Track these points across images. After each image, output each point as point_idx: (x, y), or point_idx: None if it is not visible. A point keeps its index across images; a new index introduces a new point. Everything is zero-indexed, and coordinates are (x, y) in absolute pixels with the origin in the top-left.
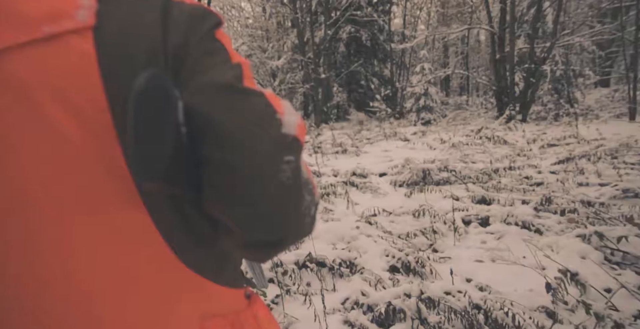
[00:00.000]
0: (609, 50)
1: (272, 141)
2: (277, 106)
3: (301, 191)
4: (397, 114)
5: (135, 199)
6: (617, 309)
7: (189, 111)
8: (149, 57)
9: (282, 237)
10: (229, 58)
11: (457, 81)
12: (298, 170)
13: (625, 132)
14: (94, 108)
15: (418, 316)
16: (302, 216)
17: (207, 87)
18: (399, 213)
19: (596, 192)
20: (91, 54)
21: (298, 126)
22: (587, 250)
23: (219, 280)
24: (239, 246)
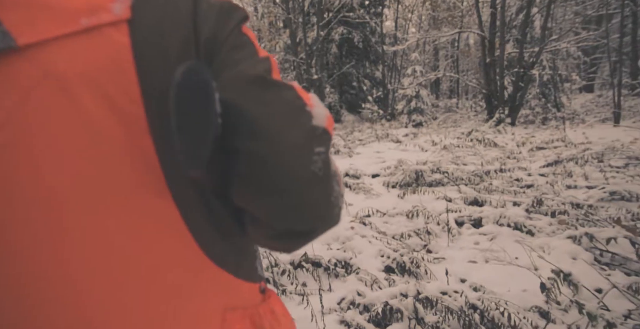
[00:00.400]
0: (593, 56)
1: (303, 132)
2: (306, 98)
3: (331, 182)
4: (389, 116)
5: (163, 190)
6: (608, 309)
7: (221, 103)
8: (181, 50)
9: (314, 227)
10: (257, 52)
11: (447, 84)
12: (328, 161)
13: (611, 136)
14: (127, 100)
15: (415, 315)
16: (332, 206)
17: (239, 79)
18: (393, 214)
19: (584, 194)
20: (127, 47)
21: (327, 118)
22: (578, 251)
23: (238, 273)
24: (269, 237)
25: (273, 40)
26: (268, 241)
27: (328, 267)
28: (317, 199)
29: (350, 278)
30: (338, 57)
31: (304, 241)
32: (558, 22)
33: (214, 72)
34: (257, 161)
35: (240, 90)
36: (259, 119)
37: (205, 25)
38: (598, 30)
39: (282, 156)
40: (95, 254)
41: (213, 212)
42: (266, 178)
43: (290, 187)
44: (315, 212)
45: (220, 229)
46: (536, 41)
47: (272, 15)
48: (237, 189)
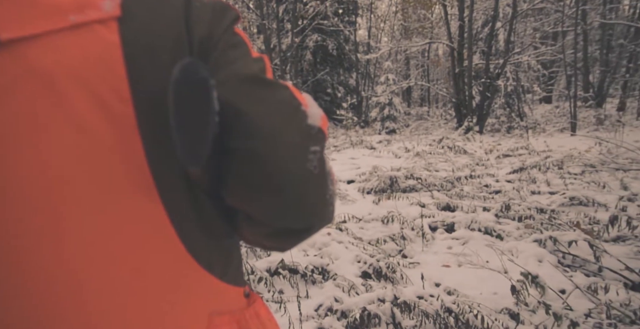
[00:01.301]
0: (551, 69)
1: (299, 131)
2: (301, 98)
3: (326, 180)
4: (363, 123)
5: (151, 190)
6: (572, 309)
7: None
8: (174, 49)
9: (310, 225)
10: (250, 52)
11: (419, 93)
12: (323, 160)
13: (569, 144)
14: (117, 98)
15: (392, 320)
16: (327, 204)
17: (234, 78)
18: (369, 220)
19: (547, 200)
20: (116, 44)
21: (322, 118)
22: (543, 254)
23: (224, 277)
24: (265, 235)
25: None
26: (264, 240)
27: (305, 273)
28: (313, 196)
29: (328, 284)
30: (312, 64)
31: (300, 238)
32: (520, 37)
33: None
34: (254, 160)
35: (236, 89)
36: (255, 118)
37: (199, 25)
38: (555, 46)
39: (279, 154)
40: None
41: (202, 214)
42: (263, 176)
43: (287, 185)
44: (311, 210)
45: (209, 231)
46: (501, 53)
47: (246, 21)
48: (232, 188)
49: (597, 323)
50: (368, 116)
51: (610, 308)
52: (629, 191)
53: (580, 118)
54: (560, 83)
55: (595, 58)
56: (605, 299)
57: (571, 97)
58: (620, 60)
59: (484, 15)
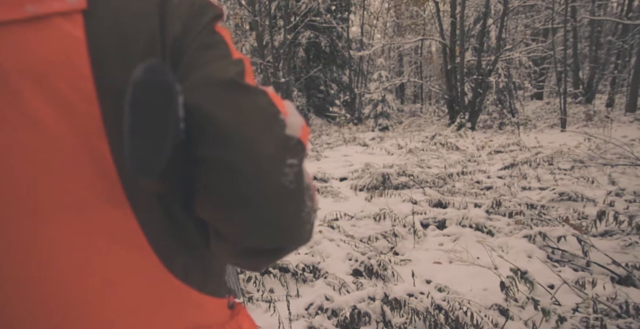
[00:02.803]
0: (542, 66)
1: (275, 142)
2: (280, 106)
3: (303, 196)
4: (356, 120)
5: (120, 198)
6: (560, 304)
7: (187, 107)
8: (145, 47)
9: (282, 245)
10: (230, 53)
11: (412, 89)
12: (301, 174)
13: (559, 140)
14: (80, 98)
15: (383, 318)
16: (303, 223)
17: (208, 82)
18: (361, 217)
19: (538, 195)
20: (80, 40)
21: (302, 128)
22: (533, 249)
23: (203, 289)
24: (232, 254)
25: (239, 42)
26: (232, 259)
27: (296, 272)
28: (286, 214)
29: (319, 283)
30: (305, 61)
31: (271, 259)
32: (511, 34)
33: (182, 73)
34: (223, 172)
35: (208, 93)
36: (227, 126)
37: (174, 22)
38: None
39: (251, 166)
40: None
41: (177, 224)
42: (232, 190)
43: (257, 201)
44: (283, 229)
45: (184, 241)
46: (492, 50)
47: (238, 17)
48: (200, 201)
49: (584, 317)
50: (361, 112)
51: (597, 303)
52: (617, 186)
53: (570, 114)
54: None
55: (585, 55)
56: (593, 294)
57: (561, 94)
58: (609, 57)
59: (476, 12)
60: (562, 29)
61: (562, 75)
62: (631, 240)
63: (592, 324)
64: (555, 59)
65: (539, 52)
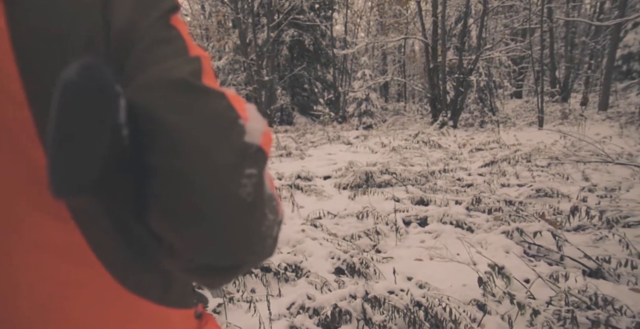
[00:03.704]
0: (520, 65)
1: (232, 150)
2: (240, 110)
3: (263, 209)
4: (340, 118)
5: (61, 210)
6: (534, 298)
7: (134, 110)
8: (85, 43)
9: (238, 262)
10: (186, 49)
11: (395, 88)
12: (261, 185)
13: (536, 138)
14: (7, 101)
15: (363, 316)
16: (262, 238)
17: (158, 82)
18: (344, 215)
19: (516, 192)
20: (2, 32)
21: (263, 134)
22: (510, 245)
23: (165, 301)
24: (186, 271)
25: (222, 40)
26: (185, 275)
27: (278, 271)
28: (243, 229)
29: (301, 282)
30: (289, 59)
31: (228, 277)
32: (491, 33)
33: (130, 73)
34: (175, 182)
35: (158, 95)
36: (179, 132)
37: (120, 13)
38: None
39: (205, 177)
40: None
41: (130, 236)
42: (184, 203)
43: (211, 215)
44: (240, 245)
45: (140, 254)
46: (473, 49)
47: (221, 15)
48: (152, 213)
49: (557, 310)
50: (345, 111)
51: (569, 295)
52: (590, 182)
53: (548, 112)
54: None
55: (561, 55)
56: (565, 287)
57: (539, 93)
58: (583, 57)
59: (457, 12)
60: (539, 29)
61: (540, 75)
62: (602, 234)
63: (564, 317)
64: (533, 58)
65: (517, 51)
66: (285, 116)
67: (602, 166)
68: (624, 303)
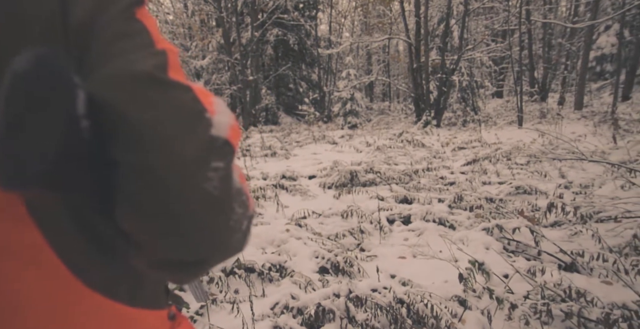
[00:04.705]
0: (501, 66)
1: (197, 143)
2: (207, 103)
3: (231, 203)
4: (326, 118)
5: (19, 210)
6: (512, 292)
7: (97, 103)
8: (41, 32)
9: (205, 257)
10: (152, 43)
11: (380, 88)
12: (228, 178)
13: (516, 136)
14: None
15: (347, 315)
16: (230, 232)
17: (120, 75)
18: (328, 215)
19: (496, 189)
20: None
21: (230, 128)
22: (490, 241)
23: (134, 302)
24: (153, 267)
25: (205, 39)
26: (153, 272)
27: (262, 272)
28: (210, 223)
29: (285, 282)
30: (274, 58)
31: (197, 272)
32: (472, 34)
33: (91, 65)
34: (139, 176)
35: (121, 88)
36: (143, 126)
37: (81, 3)
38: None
39: (170, 171)
40: None
41: (96, 236)
42: (148, 197)
43: (177, 209)
44: (207, 240)
45: (106, 254)
46: (455, 50)
47: (204, 13)
48: (118, 209)
49: (533, 303)
50: (330, 111)
51: (545, 289)
52: (566, 179)
53: (527, 112)
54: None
55: (540, 55)
56: (541, 281)
57: (518, 93)
58: (560, 58)
59: (440, 13)
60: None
61: (519, 75)
62: (576, 229)
63: (540, 310)
64: (513, 59)
65: (498, 52)
66: (270, 116)
67: (577, 164)
68: (595, 294)
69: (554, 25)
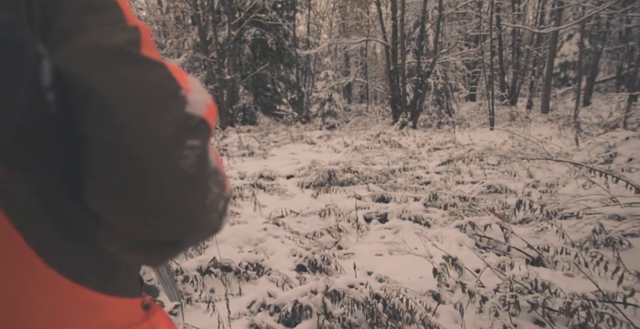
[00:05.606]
0: (474, 70)
1: (173, 121)
2: (182, 81)
3: (207, 182)
4: (304, 118)
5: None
6: (483, 286)
7: (65, 77)
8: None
9: (181, 236)
10: (124, 18)
11: (358, 89)
12: (204, 157)
13: (488, 138)
14: None
15: (324, 311)
16: (206, 211)
17: (89, 49)
18: (306, 214)
19: (469, 189)
20: None
21: (207, 106)
22: (463, 238)
23: (106, 289)
24: (126, 248)
25: (181, 36)
26: (126, 254)
27: (239, 270)
28: (185, 202)
29: (262, 280)
30: (252, 58)
31: (170, 253)
32: (447, 38)
33: (58, 37)
34: (110, 153)
35: (91, 63)
36: (115, 103)
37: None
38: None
39: (143, 148)
40: None
41: (63, 218)
42: (120, 175)
43: (150, 187)
44: (182, 218)
45: (75, 237)
46: (430, 53)
47: (178, 10)
48: (87, 188)
49: (502, 296)
50: (309, 111)
51: (513, 282)
52: (533, 178)
53: (498, 114)
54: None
55: (510, 61)
56: (510, 275)
57: (490, 96)
58: (528, 64)
59: (415, 17)
60: (489, 36)
61: (491, 79)
62: (542, 226)
63: (508, 302)
64: (485, 63)
65: (471, 56)
66: (248, 116)
67: (544, 164)
68: (558, 286)
69: (522, 32)
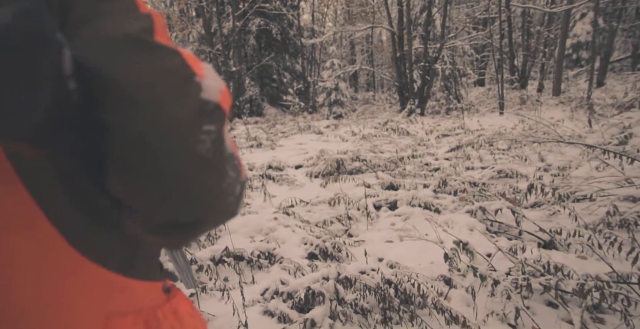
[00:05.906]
0: (482, 54)
1: (189, 106)
2: (196, 68)
3: (224, 166)
4: (311, 108)
5: (8, 173)
6: (495, 269)
7: (82, 66)
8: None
9: (200, 218)
10: (137, 6)
11: (364, 77)
12: (220, 142)
13: (498, 123)
14: None
15: (336, 296)
16: (225, 194)
17: (105, 37)
18: (316, 203)
19: (479, 174)
20: None
21: (221, 92)
22: (474, 223)
23: (128, 272)
24: (148, 230)
25: (185, 29)
26: (149, 236)
27: (251, 259)
28: (203, 185)
29: (274, 268)
30: (257, 49)
31: (191, 234)
32: (454, 22)
33: (73, 25)
34: (130, 139)
35: (107, 50)
36: (132, 89)
37: None
38: (484, 31)
39: (160, 134)
40: None
41: (87, 201)
42: (140, 160)
43: (170, 171)
44: (201, 201)
45: (99, 220)
46: (437, 38)
47: (183, 2)
48: (109, 173)
49: (514, 279)
50: (315, 101)
51: (525, 265)
52: (545, 162)
53: (508, 99)
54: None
55: (519, 43)
56: (522, 258)
57: (499, 81)
58: (538, 46)
59: (422, 1)
60: (498, 18)
61: (500, 63)
62: (554, 209)
63: (520, 285)
64: (494, 47)
65: (479, 40)
66: (255, 107)
67: (555, 148)
68: (571, 268)
69: (532, 13)
